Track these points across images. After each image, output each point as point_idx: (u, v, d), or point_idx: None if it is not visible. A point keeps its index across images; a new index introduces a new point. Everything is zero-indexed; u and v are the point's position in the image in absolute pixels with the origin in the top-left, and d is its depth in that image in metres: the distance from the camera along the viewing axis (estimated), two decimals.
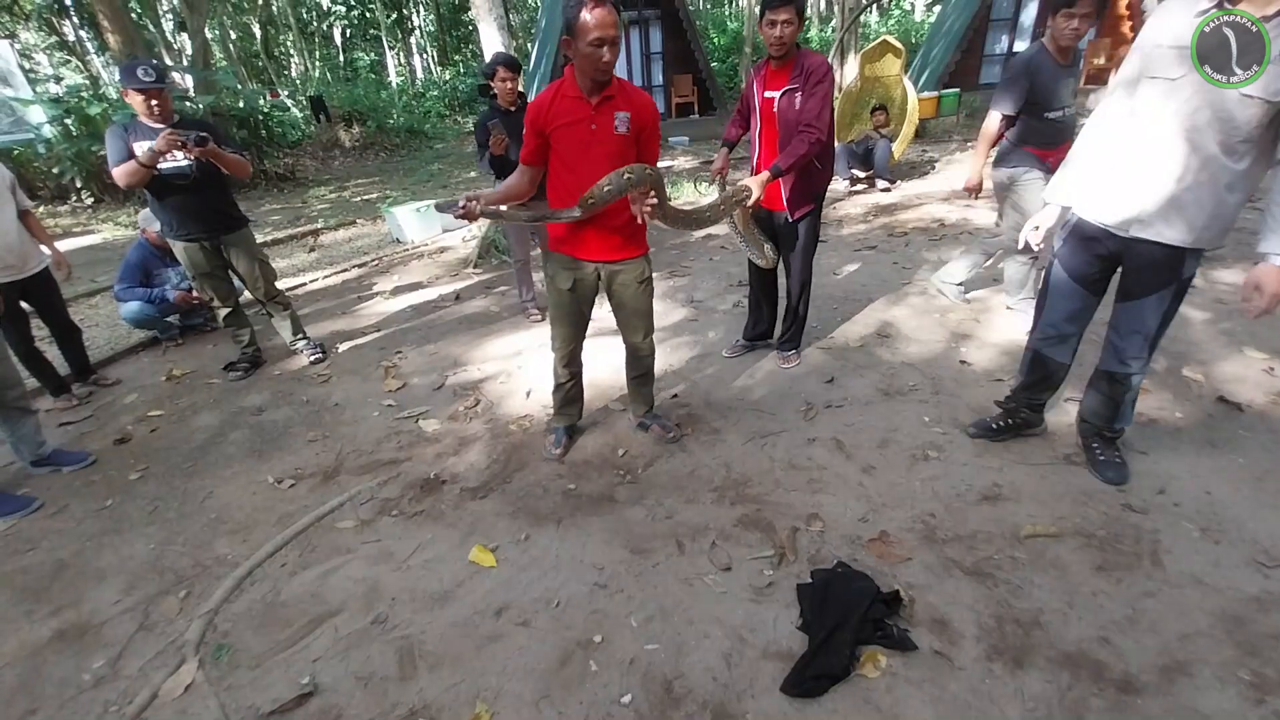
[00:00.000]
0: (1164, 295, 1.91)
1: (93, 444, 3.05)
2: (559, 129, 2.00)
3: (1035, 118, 2.95)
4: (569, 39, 1.87)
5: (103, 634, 1.94)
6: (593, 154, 2.02)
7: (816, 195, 2.78)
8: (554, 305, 2.34)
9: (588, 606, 1.86)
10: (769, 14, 2.45)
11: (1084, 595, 1.76)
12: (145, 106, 2.95)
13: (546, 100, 1.99)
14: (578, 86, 1.97)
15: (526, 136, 2.05)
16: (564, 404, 2.62)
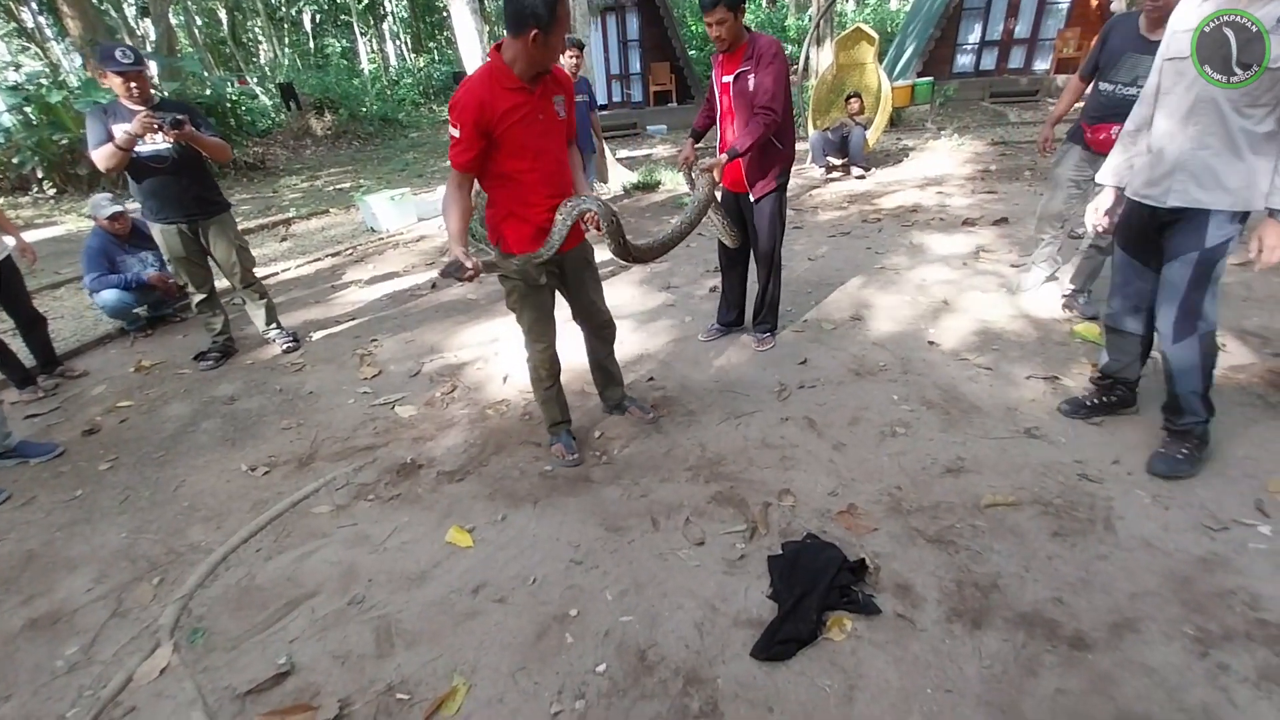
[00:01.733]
0: (1188, 261, 1.93)
1: (60, 435, 3.00)
2: (511, 127, 1.87)
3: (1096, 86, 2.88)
4: (539, 31, 1.74)
5: (75, 621, 1.93)
6: (544, 145, 1.97)
7: (778, 175, 2.82)
8: (533, 307, 2.21)
9: (564, 582, 1.89)
10: (705, 16, 2.53)
11: (1040, 560, 1.84)
12: (125, 89, 2.91)
13: (484, 97, 1.81)
14: (513, 76, 1.85)
15: (468, 141, 1.85)
16: (559, 406, 2.49)
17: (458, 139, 1.86)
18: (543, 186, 2.01)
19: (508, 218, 2.04)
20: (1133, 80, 2.67)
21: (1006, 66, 12.04)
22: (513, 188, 1.99)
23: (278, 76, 17.17)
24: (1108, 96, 2.79)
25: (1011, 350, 3.02)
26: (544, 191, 2.02)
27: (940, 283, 3.86)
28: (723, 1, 2.48)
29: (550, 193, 2.04)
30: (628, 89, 13.18)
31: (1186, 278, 1.95)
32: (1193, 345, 2.02)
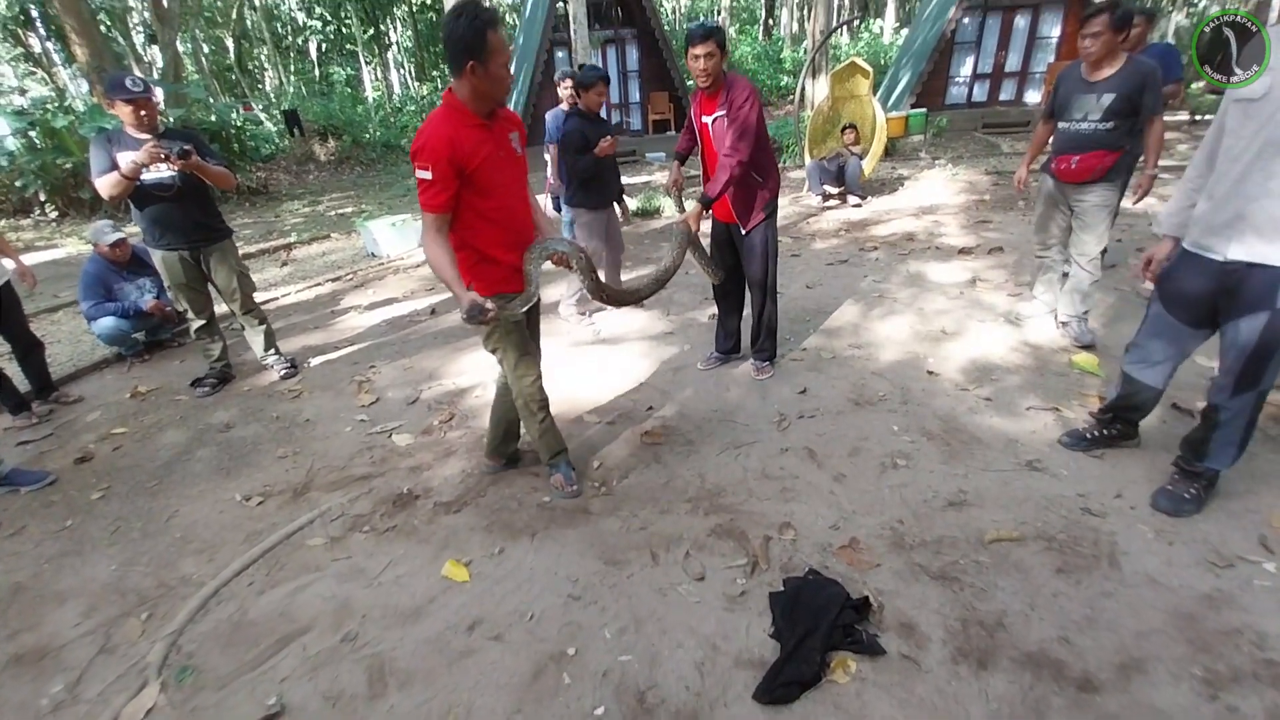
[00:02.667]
0: (1256, 321, 1.79)
1: (53, 463, 2.96)
2: (481, 164, 1.86)
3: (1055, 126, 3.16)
4: (475, 63, 1.75)
5: (62, 658, 1.88)
6: (509, 182, 1.97)
7: (765, 206, 2.88)
8: (516, 344, 2.16)
9: (562, 619, 1.86)
10: (691, 49, 2.59)
11: (1045, 597, 1.81)
12: (134, 116, 2.94)
13: (453, 137, 1.81)
14: (471, 114, 1.86)
15: (442, 183, 1.82)
16: (555, 435, 2.42)
17: (431, 181, 1.82)
18: (511, 225, 2.02)
19: (479, 261, 1.98)
20: (1083, 117, 2.96)
21: (998, 98, 12.29)
22: (483, 228, 1.97)
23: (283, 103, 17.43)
24: (1064, 132, 3.07)
25: (1011, 381, 3.02)
26: (513, 230, 2.03)
27: (938, 311, 3.88)
28: (714, 35, 2.55)
29: (519, 231, 2.04)
30: (627, 117, 13.40)
31: (1254, 339, 1.81)
32: (1249, 400, 1.91)
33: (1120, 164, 3.02)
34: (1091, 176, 3.01)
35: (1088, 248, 3.17)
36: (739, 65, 19.54)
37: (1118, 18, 2.77)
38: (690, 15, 26.21)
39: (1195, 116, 10.75)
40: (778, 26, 26.10)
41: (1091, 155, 2.97)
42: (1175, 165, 7.41)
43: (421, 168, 1.82)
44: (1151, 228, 2.22)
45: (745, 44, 21.50)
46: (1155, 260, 2.10)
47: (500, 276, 2.02)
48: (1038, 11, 11.57)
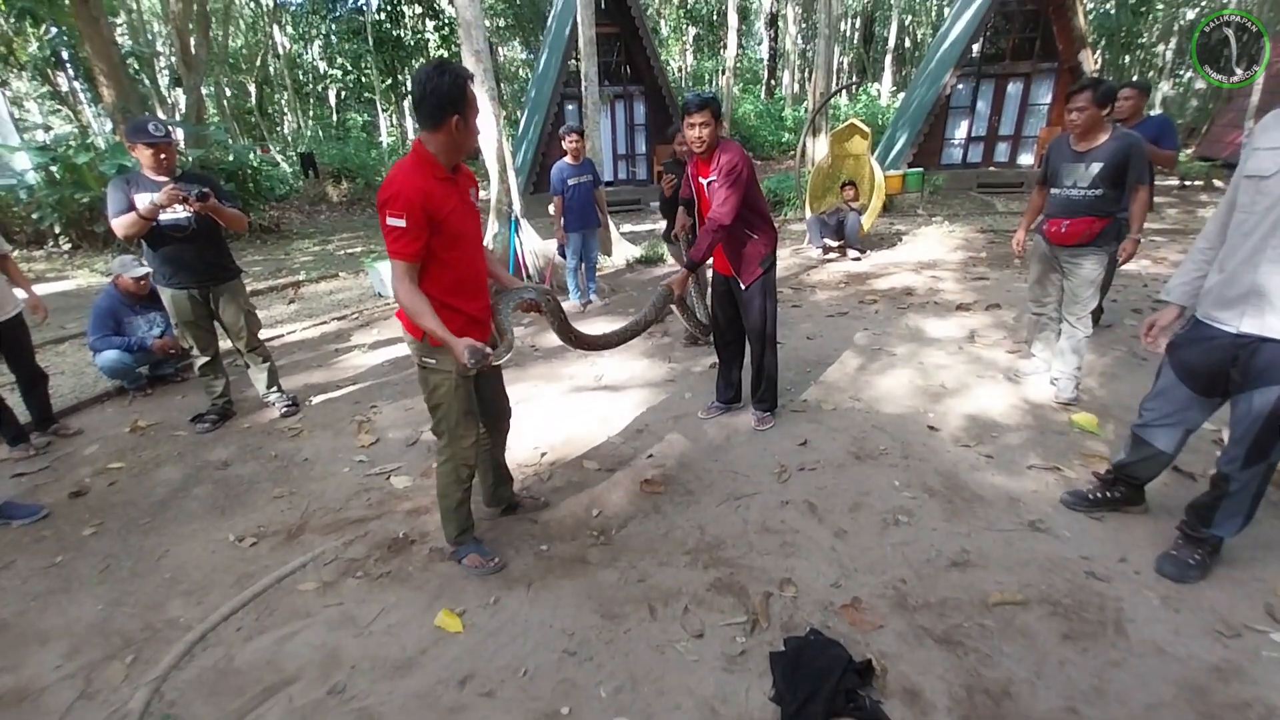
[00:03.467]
0: (1267, 395, 1.80)
1: (47, 496, 2.93)
2: (446, 216, 1.87)
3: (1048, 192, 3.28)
4: (458, 116, 1.80)
5: (41, 702, 1.83)
6: (471, 232, 2.00)
7: (762, 261, 2.95)
8: (463, 399, 2.09)
9: (556, 675, 1.81)
10: (687, 118, 2.72)
11: (1051, 664, 1.77)
12: (153, 160, 3.04)
13: (425, 188, 1.82)
14: (440, 166, 1.88)
15: (415, 232, 1.81)
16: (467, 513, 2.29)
17: (404, 229, 1.79)
18: (473, 276, 2.04)
19: (439, 308, 1.91)
20: (1072, 184, 3.08)
21: (993, 159, 12.68)
22: (447, 278, 1.96)
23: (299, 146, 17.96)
24: (1055, 198, 3.19)
25: (1011, 438, 3.03)
26: (472, 280, 2.05)
27: (937, 366, 3.91)
28: (709, 105, 2.68)
29: (476, 281, 2.07)
30: (633, 167, 13.80)
31: (1265, 412, 1.82)
32: (1259, 472, 1.92)
33: (1109, 230, 3.11)
34: (1081, 240, 3.11)
35: (1079, 307, 3.24)
36: (742, 122, 20.22)
37: (1100, 93, 2.91)
38: (696, 75, 27.27)
39: (1185, 182, 11.07)
40: (779, 86, 27.13)
41: (1081, 221, 3.06)
42: (1166, 229, 7.60)
43: (395, 216, 1.79)
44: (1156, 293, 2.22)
45: (748, 102, 22.30)
46: (1158, 326, 2.11)
47: (459, 325, 1.96)
48: (1029, 80, 12.07)
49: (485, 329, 2.12)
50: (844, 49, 27.91)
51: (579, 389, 3.91)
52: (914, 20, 27.65)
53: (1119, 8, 17.14)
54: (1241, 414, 1.91)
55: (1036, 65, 11.89)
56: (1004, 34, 12.13)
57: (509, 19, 24.45)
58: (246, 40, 24.32)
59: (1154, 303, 4.86)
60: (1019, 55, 12.06)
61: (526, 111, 14.60)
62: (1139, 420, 2.22)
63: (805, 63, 25.70)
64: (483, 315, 2.10)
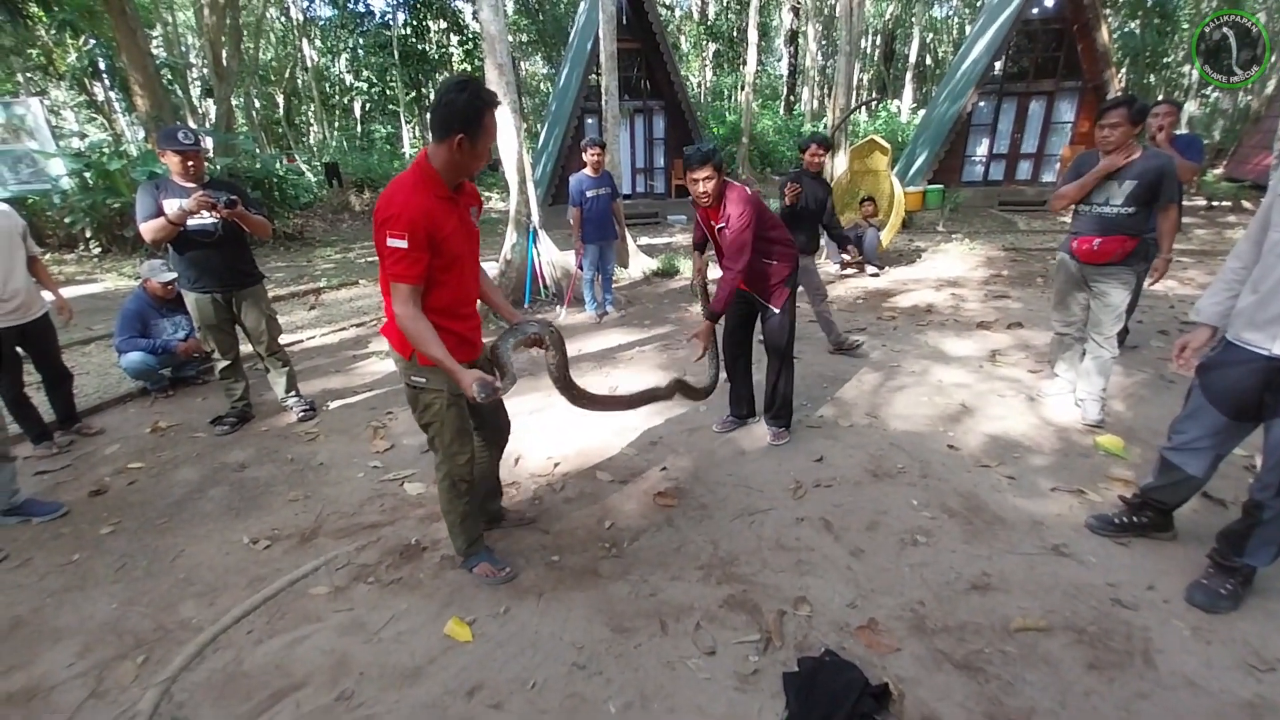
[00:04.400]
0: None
1: (67, 494, 2.97)
2: (446, 235, 1.83)
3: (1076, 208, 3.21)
4: (464, 136, 1.75)
5: (51, 699, 1.83)
6: (469, 253, 1.96)
7: (786, 281, 3.00)
8: (457, 418, 2.05)
9: (565, 689, 1.78)
10: (690, 173, 2.75)
11: (1076, 695, 1.71)
12: (181, 167, 3.10)
13: (425, 206, 1.77)
14: (442, 184, 1.83)
15: (417, 254, 1.76)
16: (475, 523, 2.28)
17: (406, 250, 1.73)
18: (465, 297, 2.02)
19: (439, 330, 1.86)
20: (1105, 201, 3.03)
21: (1014, 177, 12.58)
22: (442, 298, 1.92)
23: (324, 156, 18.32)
24: (1086, 215, 3.12)
25: (1034, 460, 2.96)
26: (465, 301, 2.03)
27: (957, 385, 3.85)
28: (710, 160, 2.69)
29: (469, 302, 2.05)
30: (651, 181, 13.88)
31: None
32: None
33: (1139, 250, 3.05)
34: (1112, 259, 3.04)
35: (1105, 327, 3.17)
36: (761, 138, 20.28)
37: (1135, 110, 2.86)
38: (715, 90, 27.45)
39: (1212, 203, 10.89)
40: (799, 103, 27.20)
41: (1113, 239, 3.00)
42: (1194, 250, 7.46)
43: (396, 237, 1.73)
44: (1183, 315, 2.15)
45: (767, 118, 22.37)
46: (1190, 348, 2.05)
47: (450, 345, 1.87)
48: (1052, 98, 11.98)
49: (475, 349, 2.08)
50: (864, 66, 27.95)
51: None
52: (935, 38, 27.65)
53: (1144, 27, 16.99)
54: (1275, 439, 1.85)
55: (1060, 84, 11.81)
56: (1027, 52, 12.08)
57: (532, 34, 24.85)
58: (276, 53, 24.94)
59: (1181, 324, 4.76)
60: (1042, 74, 11.99)
61: (547, 125, 14.77)
62: (1168, 444, 2.15)
63: (825, 79, 25.78)
64: (473, 336, 2.07)
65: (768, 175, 18.98)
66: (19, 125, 11.71)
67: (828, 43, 26.84)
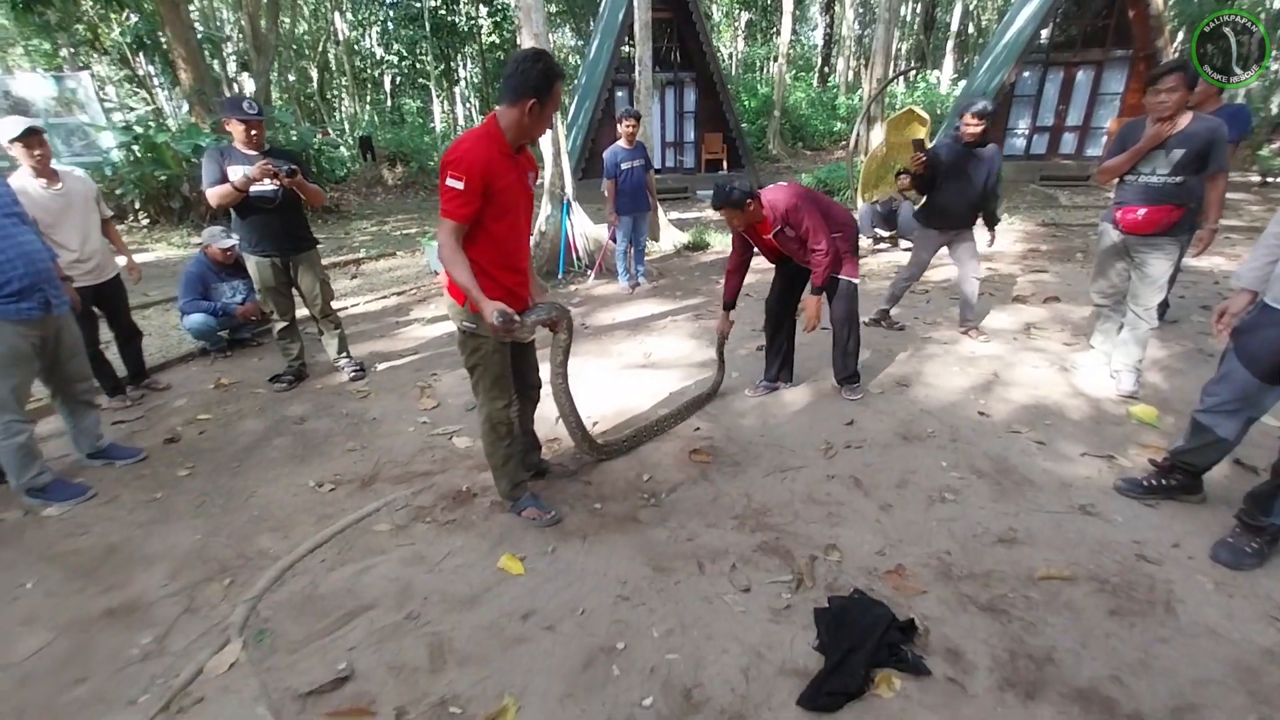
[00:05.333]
0: None
1: (143, 442, 3.21)
2: (502, 189, 1.98)
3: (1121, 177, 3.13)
4: (535, 101, 1.91)
5: (150, 614, 2.05)
6: (521, 210, 2.12)
7: (850, 252, 3.12)
8: (498, 364, 2.22)
9: (610, 616, 1.93)
10: (720, 214, 2.94)
11: (1097, 637, 1.80)
12: (245, 135, 3.26)
13: (486, 156, 1.93)
14: (505, 143, 1.99)
15: (470, 196, 1.91)
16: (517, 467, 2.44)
17: (461, 191, 1.89)
18: (515, 250, 2.15)
19: (480, 275, 1.99)
20: (1152, 171, 2.98)
21: (1058, 151, 12.21)
22: (491, 247, 2.06)
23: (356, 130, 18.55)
24: (1132, 185, 3.07)
25: (1065, 427, 3.00)
26: (516, 255, 2.16)
27: (990, 356, 3.87)
28: (727, 204, 2.85)
29: (519, 257, 2.18)
30: (680, 156, 13.80)
31: None
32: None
33: (1184, 220, 3.02)
34: (1157, 230, 3.02)
35: (1147, 299, 3.16)
36: (793, 111, 19.89)
37: (1191, 75, 2.81)
38: (746, 61, 26.90)
39: (1266, 179, 10.44)
40: (833, 74, 26.53)
41: (1159, 209, 2.97)
42: (1244, 226, 7.22)
43: (455, 178, 1.89)
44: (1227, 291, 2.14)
45: (800, 90, 21.90)
46: (1229, 313, 2.08)
47: (498, 294, 2.01)
48: (1100, 68, 11.55)
49: (521, 303, 2.21)
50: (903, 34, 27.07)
51: (629, 366, 4.02)
52: (979, 4, 26.58)
53: None
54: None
55: (1109, 53, 11.37)
56: (1075, 20, 11.62)
57: (561, 5, 24.57)
58: (309, 27, 25.12)
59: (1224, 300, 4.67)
60: (1090, 42, 11.54)
61: (576, 98, 14.72)
62: (1200, 406, 2.19)
63: (862, 49, 25.07)
64: (521, 291, 2.21)
65: (799, 150, 18.66)
66: (71, 98, 12.13)
67: (865, 10, 26.01)
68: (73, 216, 3.29)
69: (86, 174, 3.51)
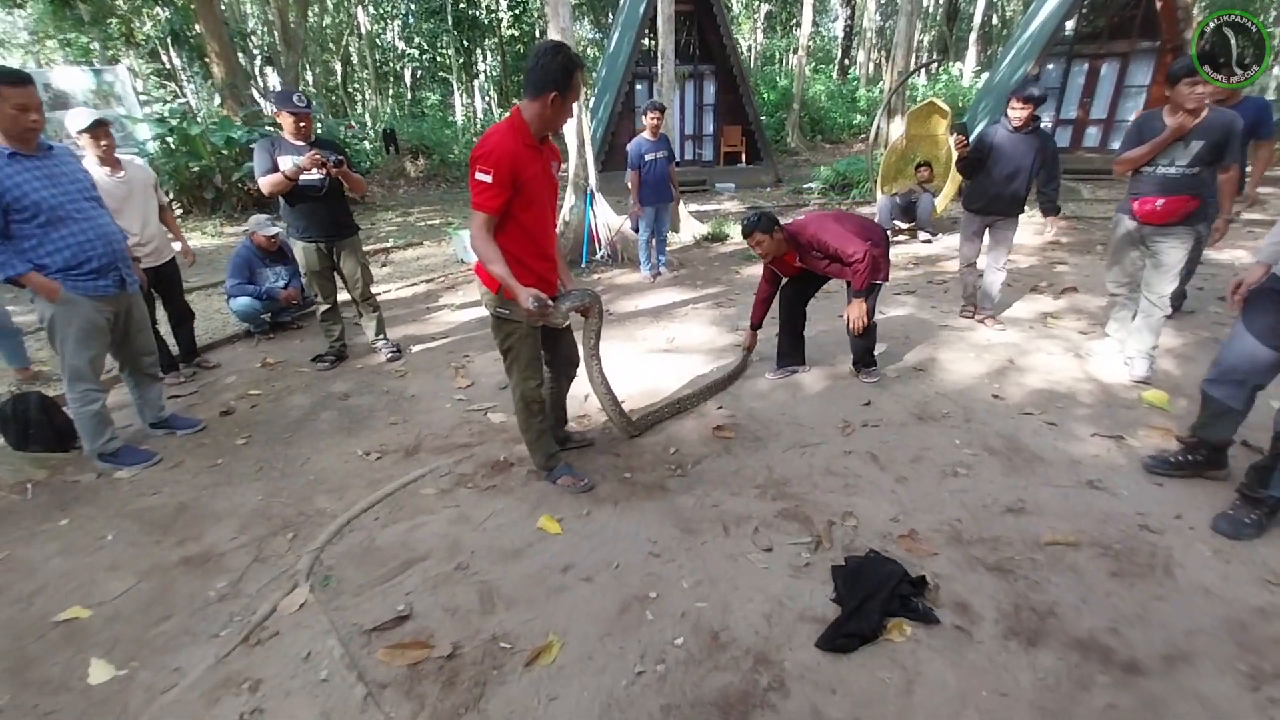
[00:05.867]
0: None
1: (200, 414, 3.43)
2: (528, 179, 2.08)
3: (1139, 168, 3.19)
4: (557, 94, 2.01)
5: (223, 562, 2.25)
6: (548, 200, 2.25)
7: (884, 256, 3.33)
8: (531, 347, 2.35)
9: (643, 570, 2.10)
10: (748, 240, 3.20)
11: (1098, 595, 1.93)
12: (294, 127, 3.46)
13: (513, 149, 2.03)
14: (530, 135, 2.09)
15: (500, 188, 2.02)
16: (549, 441, 2.60)
17: (490, 184, 2.00)
18: (543, 238, 2.28)
19: (513, 263, 2.10)
20: (1170, 162, 3.07)
21: (1081, 144, 12.11)
22: (521, 236, 2.18)
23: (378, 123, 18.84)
24: (1149, 176, 3.15)
25: (1077, 410, 3.11)
26: (544, 242, 2.29)
27: (1005, 343, 3.97)
28: (756, 229, 3.12)
29: (547, 244, 2.31)
30: (699, 148, 13.88)
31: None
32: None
33: (1200, 210, 3.10)
34: (1174, 219, 3.10)
35: (1160, 286, 3.24)
36: (812, 104, 19.83)
37: None
38: (766, 54, 26.80)
39: None
40: (854, 66, 26.34)
41: (1176, 199, 3.06)
42: (1269, 219, 7.18)
43: (484, 171, 2.00)
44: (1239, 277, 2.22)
45: (820, 83, 21.80)
46: (1245, 284, 2.18)
47: (530, 281, 2.13)
48: (1126, 60, 11.43)
49: (552, 288, 2.36)
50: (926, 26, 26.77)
51: (653, 350, 4.17)
52: None
53: None
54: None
55: (1135, 44, 11.24)
56: (1101, 11, 11.50)
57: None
58: (333, 20, 25.46)
59: None
60: (1116, 34, 11.42)
61: (596, 91, 14.85)
62: (1208, 376, 2.31)
63: (883, 41, 24.85)
64: (550, 276, 2.35)
65: (818, 142, 18.62)
66: (108, 91, 12.49)
67: (887, 2, 25.78)
68: (134, 203, 3.52)
69: (145, 163, 3.73)
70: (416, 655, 1.78)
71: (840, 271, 3.20)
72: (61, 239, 2.55)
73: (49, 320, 2.64)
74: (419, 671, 1.74)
